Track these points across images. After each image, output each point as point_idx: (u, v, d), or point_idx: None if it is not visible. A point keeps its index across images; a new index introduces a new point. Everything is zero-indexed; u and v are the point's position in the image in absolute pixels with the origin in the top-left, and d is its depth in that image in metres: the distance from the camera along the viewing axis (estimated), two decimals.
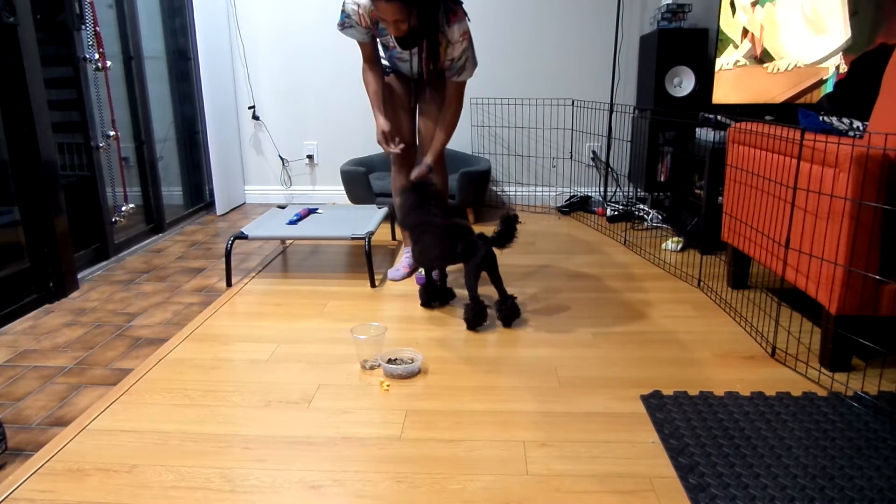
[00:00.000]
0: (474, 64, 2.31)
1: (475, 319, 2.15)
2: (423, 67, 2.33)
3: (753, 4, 3.17)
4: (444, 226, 2.19)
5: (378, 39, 2.37)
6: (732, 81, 3.32)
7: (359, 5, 2.22)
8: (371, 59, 2.38)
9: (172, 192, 3.80)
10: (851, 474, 1.36)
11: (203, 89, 3.74)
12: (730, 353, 1.97)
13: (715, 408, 1.63)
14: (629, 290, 2.55)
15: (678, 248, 3.13)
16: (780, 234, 2.02)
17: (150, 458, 1.46)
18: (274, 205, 3.67)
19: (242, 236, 2.65)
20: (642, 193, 4.02)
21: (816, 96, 3.16)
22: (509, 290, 2.25)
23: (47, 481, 1.36)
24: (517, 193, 4.23)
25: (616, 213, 3.78)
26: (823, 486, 1.32)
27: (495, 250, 2.15)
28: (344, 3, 2.25)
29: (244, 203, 4.37)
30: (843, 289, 1.71)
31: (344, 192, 3.77)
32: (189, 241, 3.40)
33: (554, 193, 4.20)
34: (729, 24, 3.27)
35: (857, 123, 2.13)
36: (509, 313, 2.18)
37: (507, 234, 2.10)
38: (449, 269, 2.51)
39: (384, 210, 3.11)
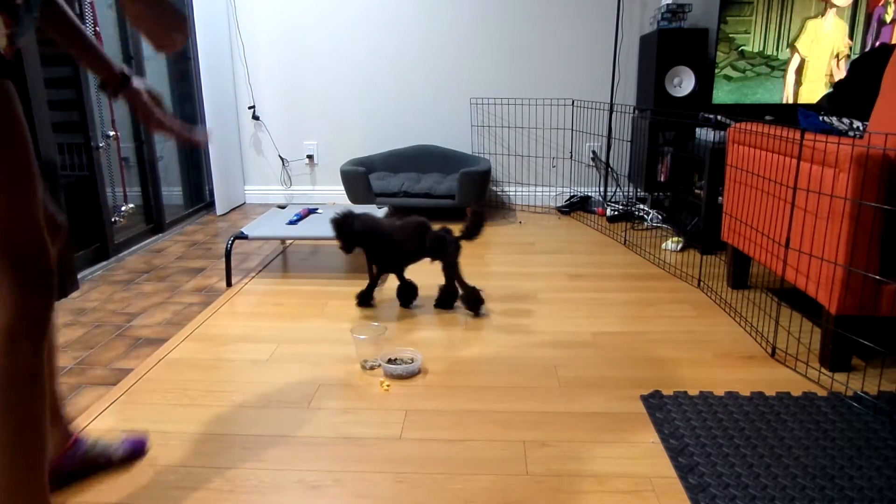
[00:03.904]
0: None
1: (477, 301, 2.28)
2: None
3: None
4: (413, 224, 2.27)
5: None
6: None
7: None
8: None
9: (172, 192, 3.79)
10: (851, 474, 1.36)
11: (203, 89, 3.74)
12: (730, 353, 1.97)
13: (715, 408, 1.63)
14: (629, 290, 2.55)
15: (678, 248, 3.13)
16: (780, 234, 2.02)
17: (150, 457, 1.46)
18: (274, 205, 3.67)
19: (242, 236, 2.65)
20: (642, 193, 4.02)
21: None
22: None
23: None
24: (517, 193, 4.23)
25: (616, 213, 3.77)
26: (823, 486, 1.32)
27: (465, 243, 2.28)
28: None
29: (244, 203, 4.37)
30: (843, 289, 1.71)
31: (344, 192, 3.77)
32: (189, 241, 3.40)
33: (554, 193, 4.20)
34: None
35: (857, 123, 2.13)
36: (446, 300, 2.35)
37: (475, 228, 2.24)
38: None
39: (384, 210, 3.11)
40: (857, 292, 1.71)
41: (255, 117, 4.21)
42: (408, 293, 2.39)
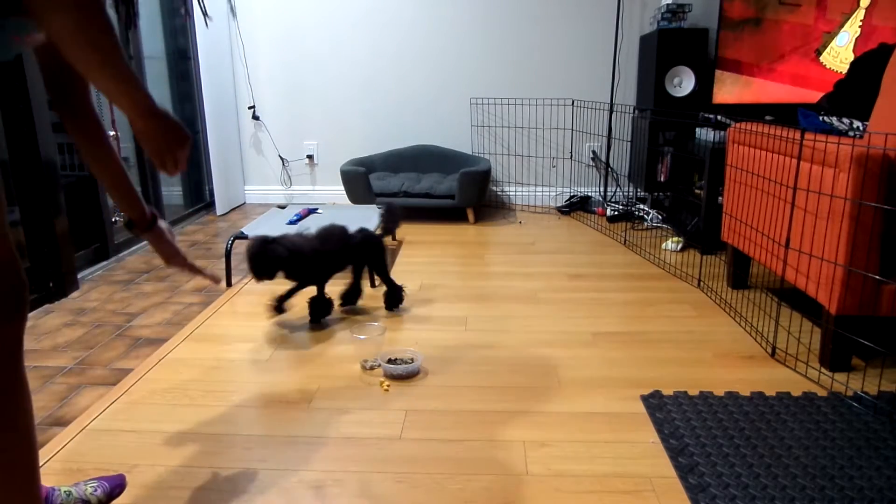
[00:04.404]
0: None
1: (398, 298, 2.35)
2: None
3: None
4: (336, 231, 2.24)
5: None
6: None
7: None
8: None
9: (172, 192, 3.79)
10: (851, 474, 1.36)
11: (203, 89, 3.74)
12: (730, 353, 1.97)
13: (715, 408, 1.63)
14: (629, 290, 2.55)
15: (678, 248, 3.13)
16: (780, 234, 2.02)
17: (150, 458, 1.46)
18: (274, 205, 3.67)
19: (242, 236, 2.65)
20: (642, 193, 4.02)
21: None
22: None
23: (47, 481, 1.36)
24: (517, 193, 4.23)
25: (616, 213, 3.77)
26: (823, 486, 1.32)
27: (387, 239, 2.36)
28: None
29: (244, 203, 4.37)
30: (843, 289, 1.71)
31: (344, 192, 3.77)
32: (189, 241, 3.40)
33: (554, 193, 4.20)
34: None
35: (857, 123, 2.13)
36: (352, 298, 2.36)
37: (392, 223, 2.34)
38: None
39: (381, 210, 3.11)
40: (857, 292, 1.71)
41: (255, 117, 4.20)
42: (324, 307, 2.25)
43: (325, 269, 2.23)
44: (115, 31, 0.91)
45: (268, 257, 2.06)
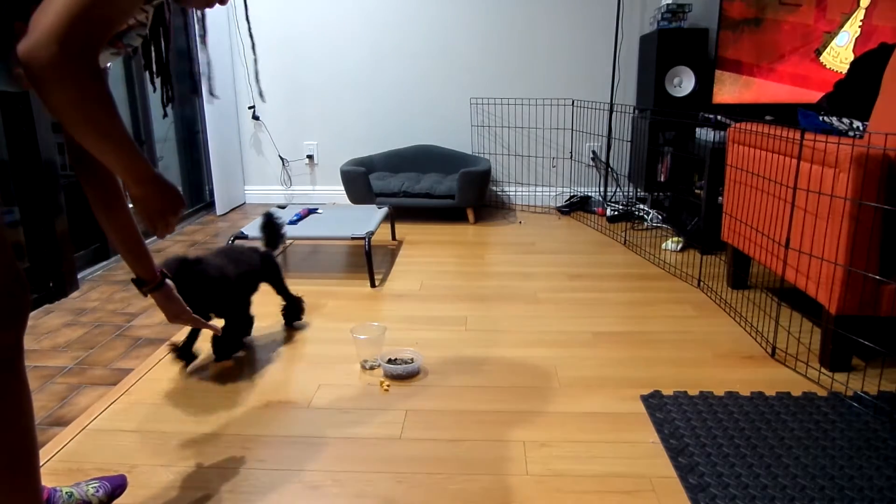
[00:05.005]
0: None
1: (299, 310, 2.21)
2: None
3: None
4: (245, 252, 2.07)
5: None
6: None
7: None
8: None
9: None
10: (851, 474, 1.36)
11: (203, 89, 3.74)
12: (730, 353, 1.97)
13: (715, 408, 1.63)
14: (629, 290, 2.55)
15: (678, 248, 3.13)
16: (780, 234, 2.02)
17: (150, 458, 1.46)
18: (274, 205, 3.67)
19: (242, 236, 2.65)
20: (642, 193, 4.02)
21: None
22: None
23: (47, 482, 1.36)
24: (517, 193, 4.23)
25: (616, 213, 3.78)
26: (823, 486, 1.32)
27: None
28: None
29: (244, 203, 4.37)
30: (843, 289, 1.71)
31: (344, 192, 3.77)
32: (189, 240, 3.40)
33: (554, 193, 4.20)
34: None
35: (857, 123, 2.13)
36: (294, 314, 2.21)
37: (276, 234, 2.22)
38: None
39: (384, 210, 3.11)
40: (857, 292, 1.71)
41: (255, 117, 4.21)
42: (238, 343, 1.97)
43: (244, 295, 2.02)
44: (114, 101, 0.90)
45: (204, 279, 1.71)
